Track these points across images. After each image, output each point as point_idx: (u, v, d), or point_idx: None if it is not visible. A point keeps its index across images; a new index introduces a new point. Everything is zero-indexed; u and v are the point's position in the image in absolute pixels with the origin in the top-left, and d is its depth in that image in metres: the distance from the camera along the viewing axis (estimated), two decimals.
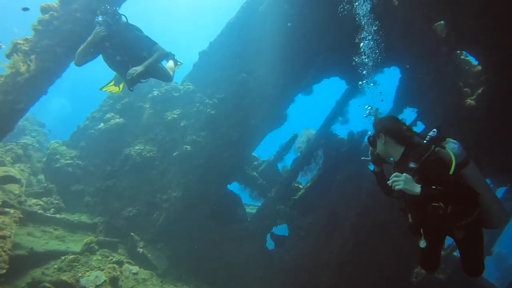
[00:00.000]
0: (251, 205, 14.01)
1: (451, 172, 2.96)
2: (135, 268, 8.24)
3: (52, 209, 9.53)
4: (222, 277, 10.39)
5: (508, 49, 7.56)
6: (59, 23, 6.63)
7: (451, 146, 3.16)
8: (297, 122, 14.42)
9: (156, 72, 5.83)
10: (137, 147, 10.13)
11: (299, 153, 12.17)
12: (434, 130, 3.32)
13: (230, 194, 11.69)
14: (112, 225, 9.52)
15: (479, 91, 8.91)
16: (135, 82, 5.57)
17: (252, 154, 12.84)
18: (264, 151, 13.78)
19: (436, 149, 3.11)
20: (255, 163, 13.03)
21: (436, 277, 10.75)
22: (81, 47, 5.11)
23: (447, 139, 3.26)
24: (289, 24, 10.07)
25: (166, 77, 6.11)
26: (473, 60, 9.35)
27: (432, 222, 3.14)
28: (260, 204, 12.48)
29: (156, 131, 10.42)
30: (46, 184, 10.10)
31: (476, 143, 7.54)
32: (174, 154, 10.20)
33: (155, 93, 10.70)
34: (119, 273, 7.67)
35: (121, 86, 6.33)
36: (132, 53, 5.31)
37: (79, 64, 5.24)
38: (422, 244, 3.26)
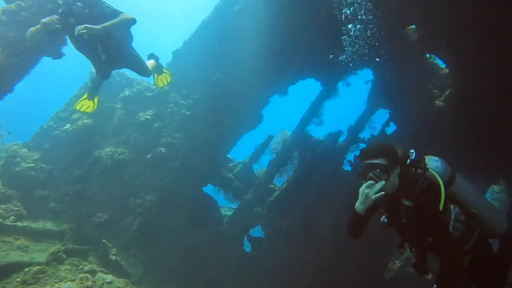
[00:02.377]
0: (226, 207, 13.66)
1: (441, 207, 2.74)
2: (109, 277, 7.64)
3: (12, 217, 8.62)
4: (200, 281, 9.96)
5: (473, 52, 7.90)
6: (28, 14, 5.98)
7: (434, 165, 2.97)
8: (271, 123, 14.28)
9: (133, 63, 5.30)
10: (107, 149, 9.46)
11: (274, 155, 12.02)
12: (412, 151, 3.06)
13: (206, 196, 11.30)
14: (82, 232, 8.77)
15: (447, 93, 9.27)
16: (108, 68, 5.02)
17: (227, 156, 12.53)
18: (239, 152, 13.51)
19: (426, 175, 2.84)
20: (230, 164, 12.72)
21: (408, 271, 11.00)
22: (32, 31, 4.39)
23: (427, 158, 3.04)
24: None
25: (143, 70, 5.59)
26: (440, 63, 9.70)
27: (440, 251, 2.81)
28: (235, 206, 12.20)
29: (128, 132, 9.81)
30: (4, 190, 9.14)
31: (453, 145, 7.74)
32: (148, 156, 9.67)
33: (127, 92, 10.09)
34: (92, 283, 7.05)
35: (95, 100, 5.72)
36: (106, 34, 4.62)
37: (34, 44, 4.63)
38: (429, 277, 2.97)
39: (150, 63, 6.08)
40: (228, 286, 10.33)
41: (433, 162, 2.98)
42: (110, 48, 4.59)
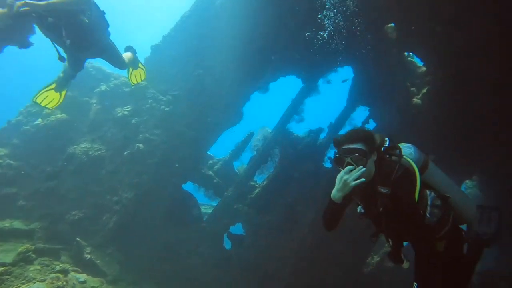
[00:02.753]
0: (206, 205, 13.41)
1: (417, 193, 2.67)
2: (82, 276, 7.24)
3: None
4: (179, 279, 9.68)
5: (450, 51, 8.06)
6: None
7: (407, 152, 2.92)
8: (252, 120, 14.14)
9: (107, 53, 4.94)
10: (83, 145, 9.02)
11: (255, 152, 11.89)
12: (386, 139, 3.02)
13: (185, 194, 11.02)
14: (54, 231, 8.30)
15: (424, 90, 9.42)
16: (78, 55, 4.63)
17: (207, 153, 12.27)
18: (219, 149, 13.28)
19: (401, 162, 2.78)
20: (211, 161, 12.47)
21: (385, 265, 11.14)
22: None
23: (400, 145, 2.99)
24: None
25: (118, 62, 5.28)
26: (418, 61, 9.86)
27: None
28: (215, 204, 11.98)
29: (105, 128, 9.40)
30: None
31: (430, 141, 7.85)
32: (126, 153, 9.31)
33: (103, 87, 9.67)
34: (64, 283, 6.64)
35: (63, 94, 5.22)
36: (65, 15, 4.16)
37: None
38: (406, 265, 2.88)
39: (126, 55, 5.75)
40: (207, 283, 10.11)
41: (406, 149, 2.94)
42: (76, 33, 4.18)
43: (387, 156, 2.86)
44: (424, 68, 9.64)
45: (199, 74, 10.47)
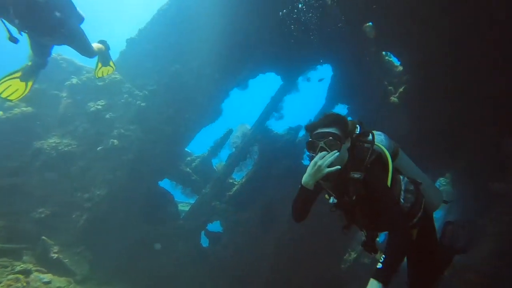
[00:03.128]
0: (183, 203, 13.16)
1: (389, 178, 2.60)
2: (47, 277, 6.83)
3: None
4: (154, 278, 9.45)
5: (426, 51, 8.08)
6: None
7: (379, 139, 2.83)
8: (231, 117, 13.94)
9: (73, 38, 4.46)
10: (51, 140, 8.56)
11: (234, 149, 11.71)
12: (357, 126, 2.93)
13: (161, 191, 10.75)
14: (16, 230, 7.78)
15: (401, 89, 9.44)
16: (37, 38, 4.16)
17: (185, 149, 12.02)
18: (198, 146, 13.03)
19: (373, 148, 2.69)
20: (188, 158, 12.21)
21: (361, 261, 11.21)
22: None
23: (370, 132, 2.87)
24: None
25: (86, 49, 4.82)
26: (395, 61, 9.87)
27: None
28: (192, 201, 11.77)
29: (76, 123, 8.97)
30: None
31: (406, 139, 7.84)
32: (99, 148, 8.94)
33: (74, 81, 9.21)
34: (24, 283, 6.25)
35: (29, 85, 4.71)
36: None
37: None
38: (379, 256, 2.67)
39: (97, 45, 5.45)
40: (183, 282, 9.93)
41: (378, 136, 2.84)
42: (27, 12, 3.73)
43: (360, 142, 2.77)
44: (401, 68, 9.66)
45: (177, 69, 10.17)
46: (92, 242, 8.29)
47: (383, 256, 2.34)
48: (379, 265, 2.27)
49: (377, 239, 2.85)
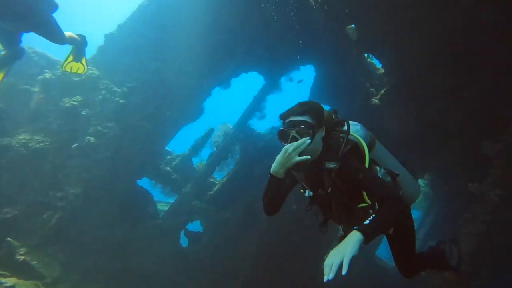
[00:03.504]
0: (162, 202, 12.80)
1: (367, 165, 2.48)
2: (10, 280, 6.32)
3: None
4: (131, 279, 9.11)
5: (407, 54, 8.11)
6: None
7: (354, 129, 2.67)
8: (213, 116, 13.68)
9: (45, 27, 4.09)
10: (21, 137, 8.06)
11: (215, 148, 11.47)
12: (333, 115, 2.77)
13: (140, 190, 10.39)
14: None
15: (382, 91, 9.47)
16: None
17: (165, 148, 11.68)
18: (178, 145, 12.71)
19: (348, 137, 2.55)
20: (168, 157, 11.88)
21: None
22: None
23: (346, 122, 2.72)
24: None
25: (56, 36, 4.33)
26: (377, 63, 9.89)
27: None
28: (172, 201, 11.45)
29: (49, 119, 8.49)
30: None
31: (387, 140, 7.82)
32: (74, 146, 8.53)
33: (48, 75, 8.71)
34: None
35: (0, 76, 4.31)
36: None
37: None
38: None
39: (70, 34, 4.99)
40: (161, 282, 9.63)
41: (353, 126, 2.68)
42: None
43: (335, 131, 2.60)
44: (382, 70, 9.69)
45: (158, 66, 9.84)
46: (64, 242, 7.88)
47: (373, 215, 2.19)
48: (367, 221, 2.11)
49: None
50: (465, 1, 6.19)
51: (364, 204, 2.47)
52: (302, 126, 2.40)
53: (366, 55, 9.77)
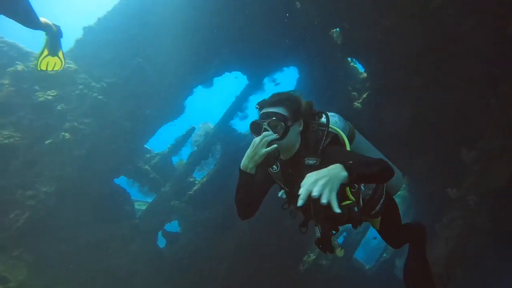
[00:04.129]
0: (140, 201, 12.35)
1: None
2: None
3: None
4: (103, 281, 8.68)
5: (389, 59, 8.10)
6: None
7: (333, 121, 2.48)
8: (194, 114, 13.32)
9: (16, 8, 3.54)
10: None
11: (196, 147, 11.15)
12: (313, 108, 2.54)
13: (117, 188, 9.94)
14: None
15: (364, 95, 9.45)
16: None
17: (145, 146, 11.25)
18: (158, 143, 12.27)
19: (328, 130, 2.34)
20: (148, 155, 11.46)
21: (320, 263, 11.11)
22: None
23: (324, 113, 2.51)
24: None
25: (29, 18, 3.73)
26: (360, 67, 9.87)
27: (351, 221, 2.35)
28: (150, 200, 11.05)
29: (20, 114, 7.94)
30: None
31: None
32: (47, 142, 8.02)
33: (20, 67, 8.11)
34: None
35: None
36: None
37: None
38: (341, 253, 2.41)
39: (44, 20, 4.51)
40: (137, 284, 9.24)
41: (332, 118, 2.50)
42: None
43: (313, 124, 2.39)
44: (365, 74, 9.67)
45: (139, 62, 9.44)
46: (33, 244, 7.38)
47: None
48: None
49: (334, 238, 2.42)
50: (446, 13, 6.18)
51: (348, 202, 2.25)
52: (274, 118, 2.21)
53: (349, 59, 9.72)
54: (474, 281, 6.44)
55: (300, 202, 1.71)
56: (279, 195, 2.53)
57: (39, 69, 4.52)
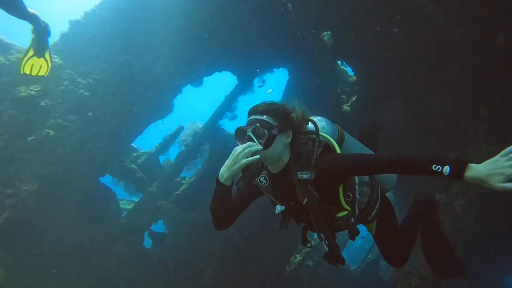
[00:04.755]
0: (125, 200, 12.02)
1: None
2: None
3: None
4: (87, 282, 8.37)
5: (379, 64, 8.09)
6: None
7: (320, 126, 2.30)
8: (183, 113, 13.03)
9: None
10: None
11: (184, 147, 10.90)
12: (306, 118, 2.33)
13: (102, 187, 9.61)
14: None
15: (353, 99, 9.42)
16: None
17: (131, 145, 10.93)
18: (145, 142, 11.95)
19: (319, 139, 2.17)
20: (134, 154, 11.13)
21: (306, 263, 11.06)
22: None
23: (311, 121, 2.30)
24: None
25: (16, 7, 3.42)
26: (349, 71, 9.84)
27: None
28: (135, 199, 10.75)
29: (1, 108, 7.58)
30: None
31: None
32: (30, 138, 7.65)
33: (1, 60, 7.77)
34: None
35: None
36: None
37: None
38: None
39: (31, 11, 4.03)
40: (122, 285, 8.95)
41: (319, 123, 2.33)
42: None
43: (302, 134, 2.23)
44: (354, 78, 9.65)
45: (127, 59, 9.13)
46: (12, 244, 7.01)
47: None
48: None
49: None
50: (436, 20, 6.18)
51: (344, 213, 2.18)
52: (258, 125, 2.08)
53: (339, 62, 9.68)
54: (461, 286, 6.47)
55: None
56: (277, 212, 2.35)
57: (22, 72, 4.11)
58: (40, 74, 4.19)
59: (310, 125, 2.28)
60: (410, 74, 7.38)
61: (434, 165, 1.78)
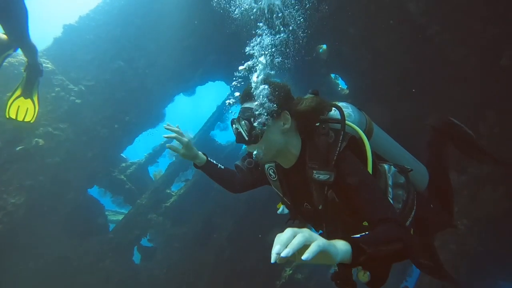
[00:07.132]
0: (110, 211, 11.79)
1: (370, 168, 1.81)
2: None
3: None
4: None
5: (373, 78, 8.63)
6: None
7: (346, 113, 2.00)
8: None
9: (8, 14, 3.01)
10: None
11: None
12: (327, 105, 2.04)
13: (90, 199, 9.45)
14: None
15: None
16: None
17: (121, 154, 10.84)
18: (134, 152, 11.86)
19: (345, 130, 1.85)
20: (123, 164, 11.03)
21: (296, 277, 11.28)
22: None
23: (335, 106, 2.03)
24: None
25: (18, 27, 3.18)
26: (342, 84, 10.37)
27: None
28: (125, 211, 10.61)
29: None
30: None
31: None
32: (18, 148, 7.50)
33: None
34: None
35: None
36: None
37: None
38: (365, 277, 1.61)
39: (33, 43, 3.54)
40: None
41: (345, 109, 2.02)
42: None
43: (323, 125, 1.90)
44: (347, 91, 10.19)
45: (120, 66, 9.19)
46: None
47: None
48: (359, 236, 1.39)
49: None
50: (441, 38, 6.69)
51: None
52: (239, 116, 1.94)
53: (332, 75, 10.19)
54: None
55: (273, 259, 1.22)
56: (279, 212, 2.18)
57: (7, 116, 3.91)
58: (26, 119, 4.00)
59: (333, 111, 2.02)
60: (407, 90, 7.93)
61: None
